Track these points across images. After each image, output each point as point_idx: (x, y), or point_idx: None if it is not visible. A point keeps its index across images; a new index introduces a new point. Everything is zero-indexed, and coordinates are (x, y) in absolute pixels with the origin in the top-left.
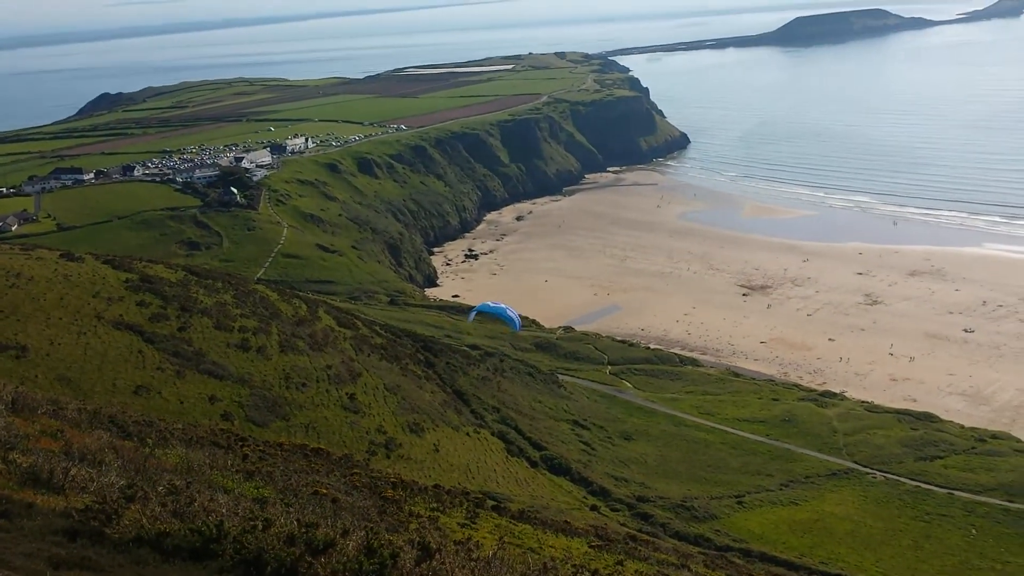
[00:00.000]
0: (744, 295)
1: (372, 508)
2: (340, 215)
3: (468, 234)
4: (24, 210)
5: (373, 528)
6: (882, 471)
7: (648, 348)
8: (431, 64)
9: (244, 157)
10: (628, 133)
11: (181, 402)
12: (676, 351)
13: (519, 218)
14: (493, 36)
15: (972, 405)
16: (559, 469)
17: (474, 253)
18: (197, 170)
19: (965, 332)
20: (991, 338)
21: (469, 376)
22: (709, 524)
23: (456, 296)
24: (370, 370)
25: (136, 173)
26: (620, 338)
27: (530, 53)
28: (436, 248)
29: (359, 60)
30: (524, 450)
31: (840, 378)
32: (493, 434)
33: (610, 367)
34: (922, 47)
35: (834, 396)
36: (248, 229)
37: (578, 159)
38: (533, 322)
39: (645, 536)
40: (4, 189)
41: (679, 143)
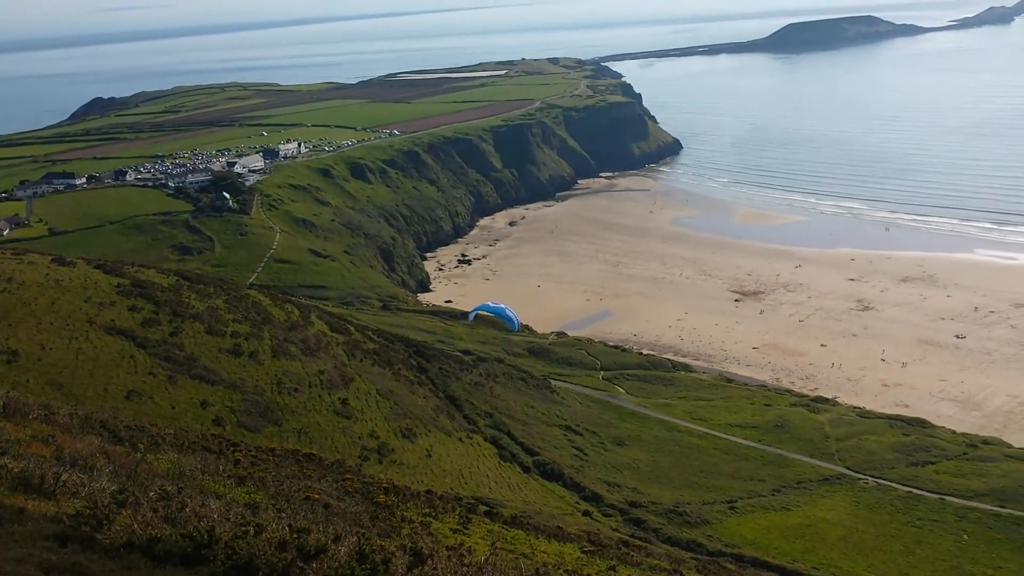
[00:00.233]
0: (736, 301)
1: (364, 514)
2: (333, 220)
3: (461, 239)
4: (16, 215)
5: (365, 534)
6: (874, 476)
7: (641, 353)
8: (424, 69)
9: (237, 162)
10: (621, 139)
11: (173, 407)
12: (669, 356)
13: (512, 223)
14: (486, 42)
15: (963, 411)
16: (552, 474)
17: (467, 258)
18: (189, 175)
19: (956, 338)
20: (982, 344)
21: (462, 381)
22: (701, 529)
23: (449, 301)
24: (362, 375)
25: (128, 178)
26: (613, 343)
27: (523, 59)
28: (429, 253)
29: (352, 65)
30: (517, 455)
31: (832, 384)
32: (486, 439)
33: (603, 372)
34: (914, 54)
35: (826, 402)
36: (240, 234)
37: (571, 164)
38: (526, 327)
39: (637, 541)
40: None
41: (672, 149)
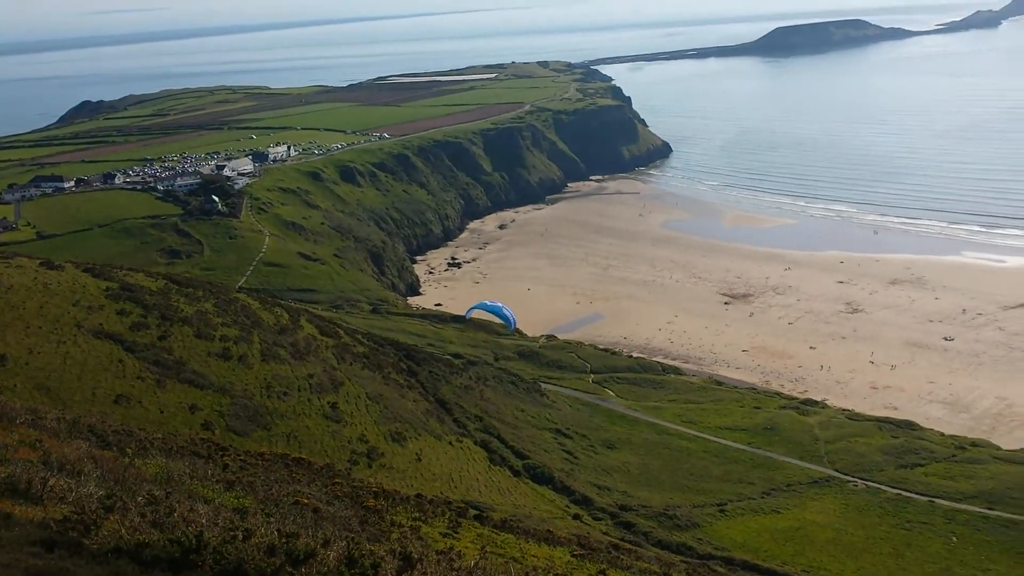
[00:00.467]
0: (726, 303)
1: (353, 518)
2: (322, 223)
3: (451, 242)
4: (4, 218)
5: (354, 538)
6: (863, 479)
7: (631, 356)
8: (414, 73)
9: (226, 165)
10: (610, 142)
11: (161, 411)
12: (659, 359)
13: (502, 227)
14: (476, 45)
15: (952, 413)
16: (542, 478)
17: (457, 262)
18: (178, 178)
19: (945, 340)
20: (971, 346)
21: (452, 385)
22: (691, 532)
23: (439, 305)
24: (352, 379)
25: (117, 181)
26: (603, 346)
27: (513, 62)
28: (419, 256)
29: (341, 68)
30: (506, 459)
31: (821, 386)
32: (475, 443)
33: (593, 376)
34: (901, 57)
35: (815, 404)
36: (229, 237)
37: (561, 168)
38: (516, 330)
39: (628, 545)
40: None
41: (661, 152)
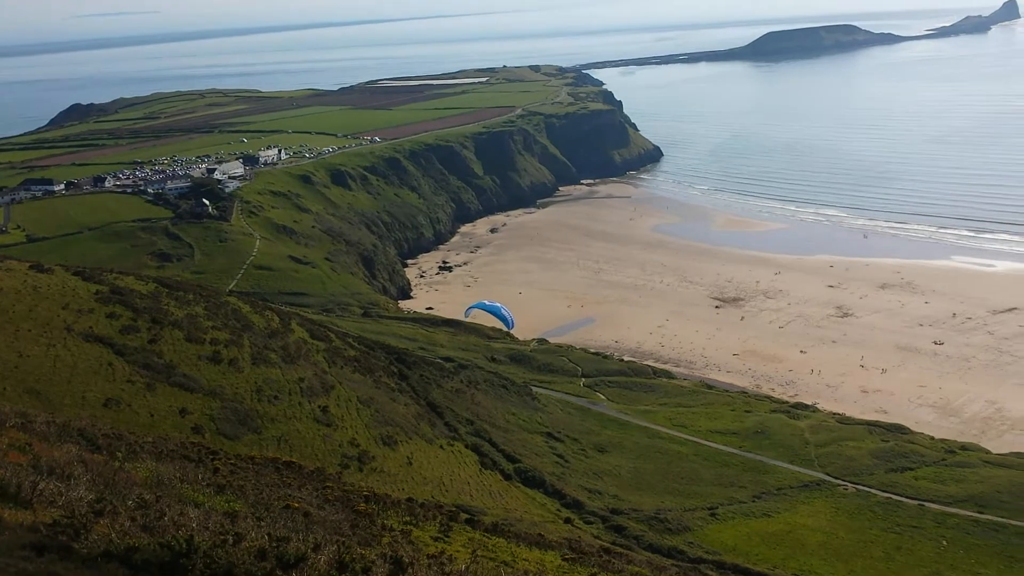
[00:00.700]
0: (717, 307)
1: (344, 522)
2: (313, 227)
3: (442, 246)
4: None
5: (345, 542)
6: (853, 483)
7: (622, 360)
8: (405, 76)
9: (216, 168)
10: (602, 146)
11: (151, 415)
12: (650, 363)
13: (493, 230)
14: (467, 49)
15: (942, 417)
16: (533, 482)
17: (448, 265)
18: (169, 181)
19: (935, 344)
20: (960, 350)
21: (443, 388)
22: (682, 536)
23: (430, 308)
24: (343, 383)
25: (107, 184)
26: (594, 350)
27: (504, 66)
28: (410, 260)
29: (333, 72)
30: (498, 463)
31: (812, 390)
32: (467, 447)
33: (584, 379)
34: (891, 62)
35: (806, 408)
36: (220, 241)
37: (552, 172)
38: (507, 334)
39: (619, 549)
40: None
41: (652, 156)
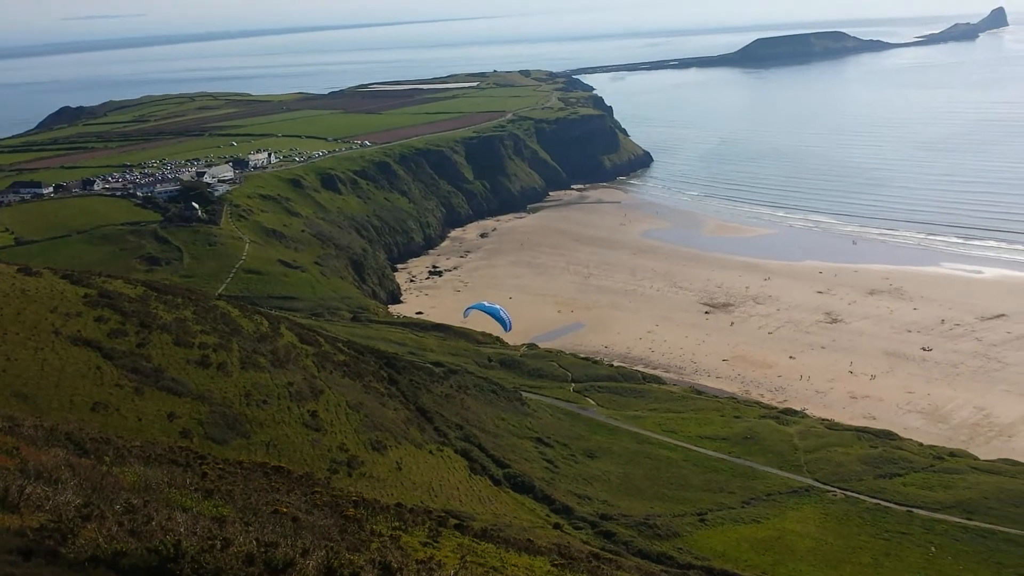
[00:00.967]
0: (706, 313)
1: (333, 527)
2: (303, 231)
3: (432, 251)
4: None
5: (334, 547)
6: (842, 488)
7: (611, 366)
8: (395, 80)
9: (206, 172)
10: (592, 151)
11: (139, 419)
12: (639, 369)
13: (483, 235)
14: (458, 53)
15: (930, 423)
16: (522, 487)
17: (438, 270)
18: (158, 185)
19: (923, 350)
20: (949, 356)
21: (432, 393)
22: (672, 542)
23: (420, 313)
24: (332, 387)
25: (96, 187)
26: (584, 355)
27: (495, 71)
28: (400, 265)
29: (323, 76)
30: (487, 468)
31: (801, 396)
32: (456, 452)
33: (574, 385)
34: (880, 69)
35: (795, 414)
36: (209, 244)
37: (542, 176)
38: (497, 339)
39: (608, 554)
40: None
41: (642, 161)
